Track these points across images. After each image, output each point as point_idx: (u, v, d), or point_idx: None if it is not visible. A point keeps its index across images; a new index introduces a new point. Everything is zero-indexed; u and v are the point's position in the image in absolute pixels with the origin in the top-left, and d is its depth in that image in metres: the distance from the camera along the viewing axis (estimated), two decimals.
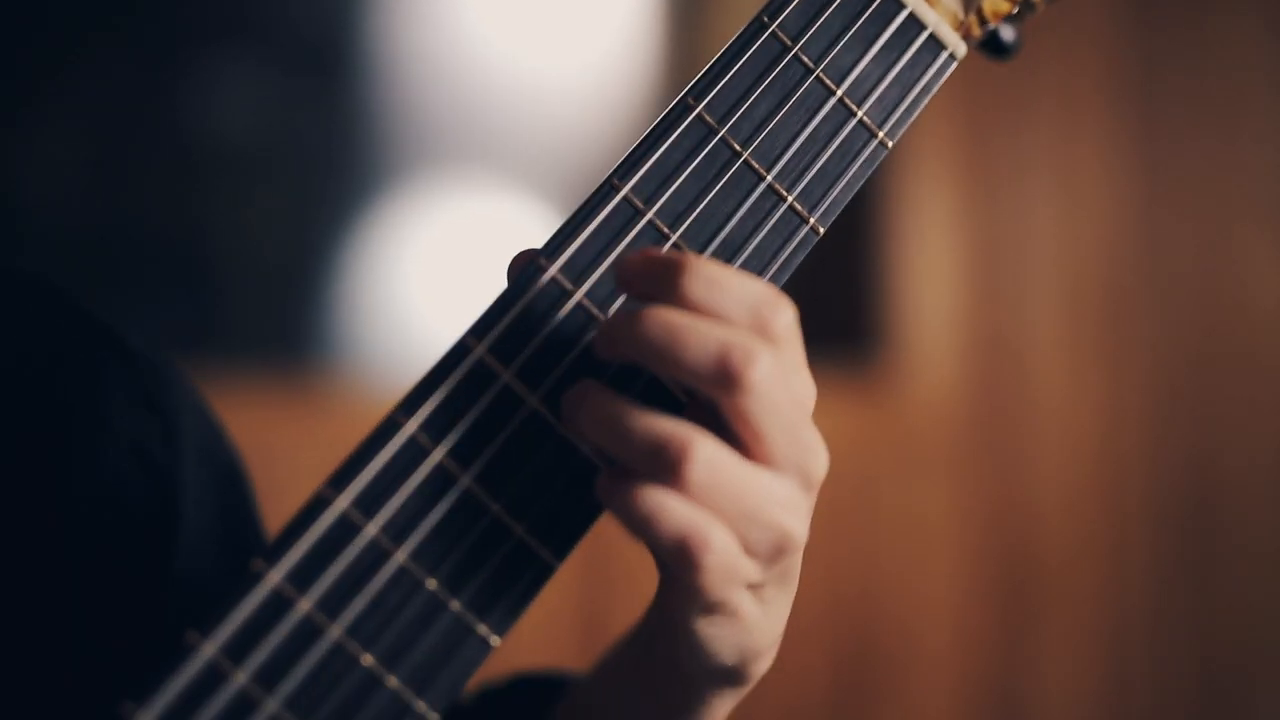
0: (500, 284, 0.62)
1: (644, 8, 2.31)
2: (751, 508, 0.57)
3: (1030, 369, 2.37)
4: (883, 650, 2.28)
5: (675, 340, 0.56)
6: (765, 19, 0.63)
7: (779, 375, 0.57)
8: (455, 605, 0.58)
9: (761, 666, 0.64)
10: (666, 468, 0.56)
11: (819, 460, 0.59)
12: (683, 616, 0.61)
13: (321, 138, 2.21)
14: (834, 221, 0.64)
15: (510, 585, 0.59)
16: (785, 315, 0.57)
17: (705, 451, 0.56)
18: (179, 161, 2.14)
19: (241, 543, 0.83)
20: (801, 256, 0.63)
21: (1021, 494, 2.35)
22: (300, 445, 1.88)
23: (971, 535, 2.33)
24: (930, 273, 2.32)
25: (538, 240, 0.62)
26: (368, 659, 0.57)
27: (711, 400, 0.58)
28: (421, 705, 0.57)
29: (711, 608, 0.59)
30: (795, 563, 0.61)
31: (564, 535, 0.59)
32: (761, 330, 0.57)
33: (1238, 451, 2.40)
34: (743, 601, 0.60)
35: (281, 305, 2.22)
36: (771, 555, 0.58)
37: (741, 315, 0.56)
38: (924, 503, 2.30)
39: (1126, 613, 2.37)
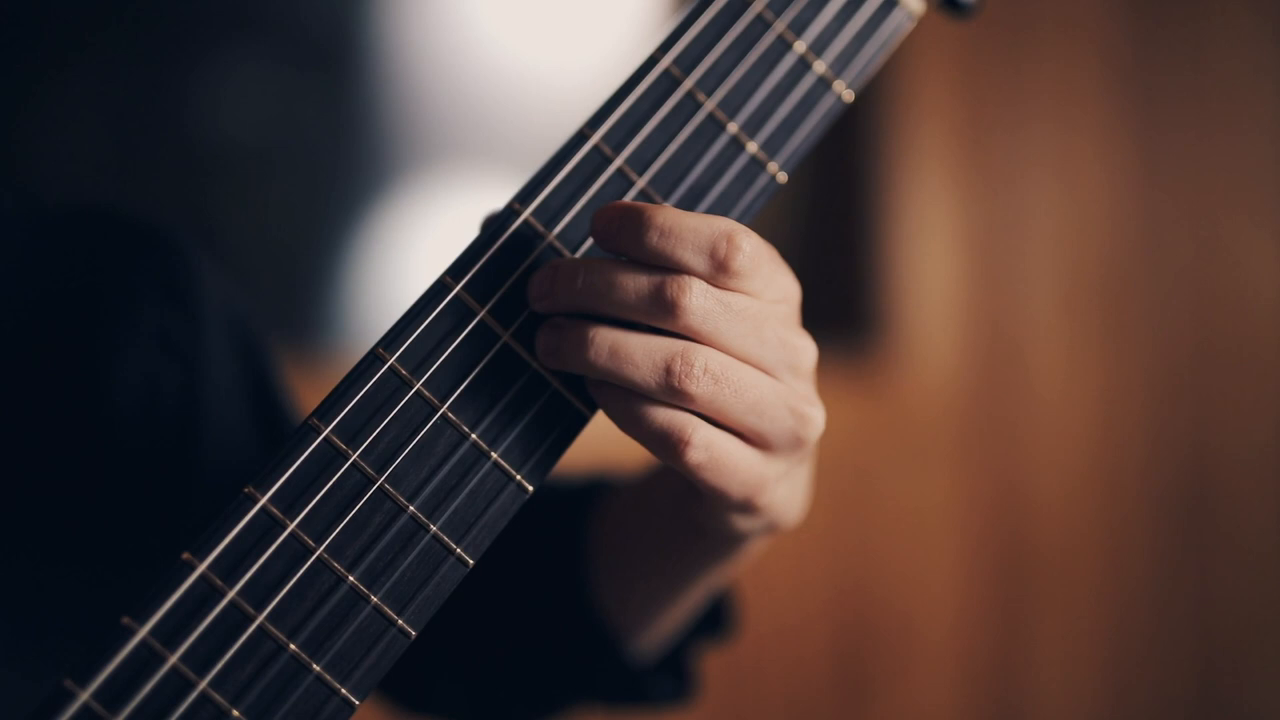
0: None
1: (650, 5, 2.34)
2: (755, 403, 0.61)
3: (1029, 359, 2.38)
4: (882, 639, 2.30)
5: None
6: None
7: (731, 315, 0.60)
8: (433, 528, 0.61)
9: (794, 522, 0.70)
10: (673, 383, 0.60)
11: (805, 354, 0.63)
12: (715, 513, 0.66)
13: (329, 133, 2.23)
14: (831, 210, 0.67)
15: (484, 509, 0.62)
16: (742, 248, 0.60)
17: (701, 358, 0.60)
18: (186, 157, 2.16)
19: (266, 425, 0.87)
20: (763, 202, 0.66)
21: (1020, 483, 2.36)
22: None
23: (971, 524, 2.34)
24: (929, 263, 2.34)
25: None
26: (350, 578, 0.60)
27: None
28: (402, 622, 0.61)
29: (742, 508, 0.64)
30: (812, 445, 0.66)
31: (539, 461, 0.63)
32: (722, 269, 0.60)
33: (1235, 441, 2.41)
34: (773, 498, 0.65)
35: (288, 301, 2.24)
36: (792, 444, 0.63)
37: (699, 262, 0.60)
38: (923, 492, 2.31)
39: (1125, 601, 2.38)
